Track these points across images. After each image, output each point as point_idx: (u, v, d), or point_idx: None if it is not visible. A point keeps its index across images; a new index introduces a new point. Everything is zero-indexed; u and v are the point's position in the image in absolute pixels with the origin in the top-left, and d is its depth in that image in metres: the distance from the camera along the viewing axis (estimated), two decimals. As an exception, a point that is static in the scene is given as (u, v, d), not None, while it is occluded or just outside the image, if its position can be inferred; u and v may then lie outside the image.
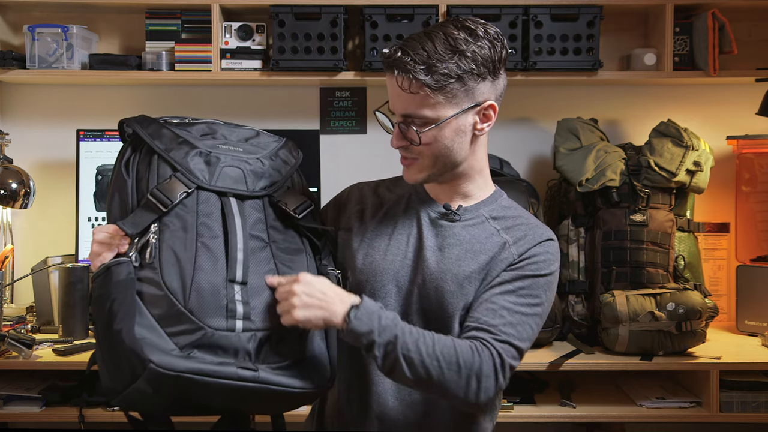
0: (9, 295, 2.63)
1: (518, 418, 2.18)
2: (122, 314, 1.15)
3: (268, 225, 1.33)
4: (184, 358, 1.15)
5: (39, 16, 2.70)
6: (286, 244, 1.34)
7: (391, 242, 1.46)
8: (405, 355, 1.27)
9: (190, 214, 1.26)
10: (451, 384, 1.29)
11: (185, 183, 1.27)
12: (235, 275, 1.24)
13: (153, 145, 1.31)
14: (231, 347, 1.19)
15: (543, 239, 1.43)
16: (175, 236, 1.23)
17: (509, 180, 2.45)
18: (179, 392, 1.16)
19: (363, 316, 1.27)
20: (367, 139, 2.76)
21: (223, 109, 2.76)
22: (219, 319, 1.19)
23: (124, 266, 1.20)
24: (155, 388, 1.13)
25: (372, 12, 2.48)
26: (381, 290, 1.43)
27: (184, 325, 1.17)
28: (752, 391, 2.18)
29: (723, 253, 2.66)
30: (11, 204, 2.48)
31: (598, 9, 2.48)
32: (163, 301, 1.18)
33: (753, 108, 2.52)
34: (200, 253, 1.23)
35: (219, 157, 1.32)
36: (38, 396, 2.18)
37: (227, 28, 2.56)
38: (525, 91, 2.74)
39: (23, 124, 2.74)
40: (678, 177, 2.32)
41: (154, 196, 1.25)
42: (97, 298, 1.21)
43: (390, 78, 1.37)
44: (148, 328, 1.16)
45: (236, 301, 1.22)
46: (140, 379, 1.12)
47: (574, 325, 2.34)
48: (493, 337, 1.32)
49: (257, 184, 1.34)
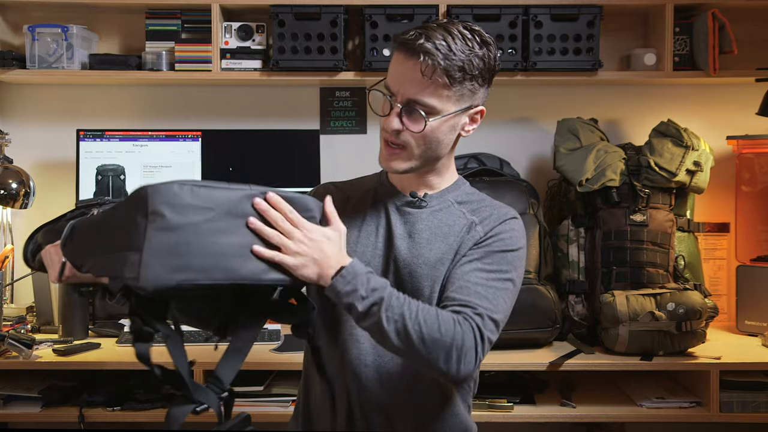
0: (9, 295, 2.63)
1: (518, 418, 2.18)
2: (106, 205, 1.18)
3: None
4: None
5: (39, 16, 2.70)
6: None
7: (361, 234, 1.49)
8: (387, 317, 1.28)
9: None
10: (433, 354, 1.29)
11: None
12: None
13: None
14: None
15: (507, 217, 1.47)
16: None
17: (509, 180, 2.44)
18: (187, 213, 1.12)
19: (348, 274, 1.28)
20: (367, 139, 2.76)
21: (223, 109, 2.76)
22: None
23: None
24: (164, 211, 1.10)
25: (372, 12, 2.48)
26: None
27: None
28: (752, 391, 2.18)
29: (723, 253, 2.66)
30: (11, 204, 2.48)
31: (598, 9, 2.48)
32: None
33: (753, 108, 2.52)
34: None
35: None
36: (38, 396, 2.18)
37: (227, 28, 2.56)
38: (525, 91, 2.74)
39: (23, 124, 2.74)
40: (678, 177, 2.32)
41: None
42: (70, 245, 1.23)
43: (406, 60, 1.37)
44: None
45: None
46: (149, 214, 1.09)
47: (574, 325, 2.34)
48: (472, 311, 1.34)
49: None
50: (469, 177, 2.42)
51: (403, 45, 1.37)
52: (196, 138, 2.61)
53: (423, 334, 1.28)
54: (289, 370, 2.18)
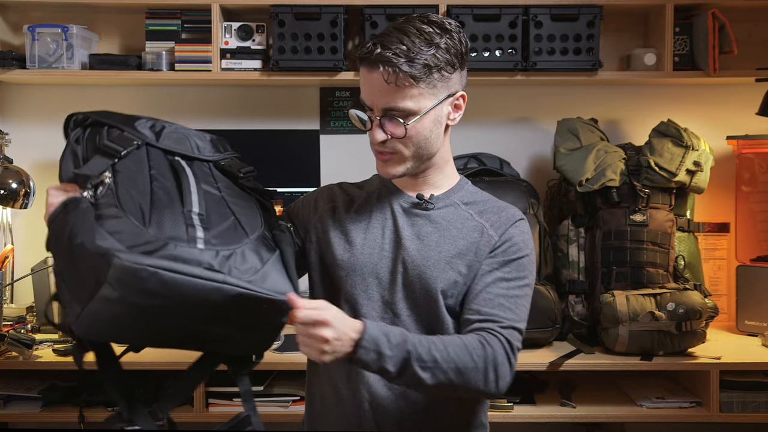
0: (9, 295, 2.63)
1: (518, 418, 2.18)
2: (83, 232, 1.11)
3: (216, 182, 1.33)
4: (149, 255, 1.10)
5: (39, 16, 2.70)
6: (236, 198, 1.34)
7: (367, 236, 1.49)
8: (422, 367, 1.30)
9: (141, 163, 1.27)
10: (470, 381, 1.33)
11: (135, 138, 1.29)
12: (191, 206, 1.22)
13: (100, 118, 1.34)
14: (194, 259, 1.13)
15: (516, 219, 1.50)
16: (129, 179, 1.22)
17: (509, 180, 2.44)
18: (145, 298, 1.10)
19: (368, 343, 1.28)
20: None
21: (223, 109, 2.76)
22: (180, 234, 1.16)
23: (80, 200, 1.17)
24: (121, 291, 1.07)
25: (372, 12, 2.48)
26: (361, 284, 1.47)
27: (146, 239, 1.13)
28: (752, 391, 2.18)
29: (723, 253, 2.66)
30: (11, 204, 2.48)
31: (598, 9, 2.48)
32: (123, 223, 1.14)
33: (753, 108, 2.52)
34: (156, 192, 1.22)
35: (164, 126, 1.35)
36: (38, 396, 2.18)
37: (227, 28, 2.56)
38: (525, 91, 2.74)
39: (23, 124, 2.74)
40: (678, 177, 2.32)
41: (106, 146, 1.27)
42: (54, 233, 1.18)
43: (369, 73, 1.40)
44: (107, 241, 1.11)
45: (196, 225, 1.19)
46: (105, 283, 1.07)
47: (574, 325, 2.34)
48: (498, 326, 1.39)
49: (203, 150, 1.36)
50: (469, 177, 2.40)
51: (363, 60, 1.40)
52: (196, 138, 2.61)
53: (459, 368, 1.32)
54: (290, 370, 2.18)
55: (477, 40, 2.47)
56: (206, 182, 1.30)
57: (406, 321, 1.44)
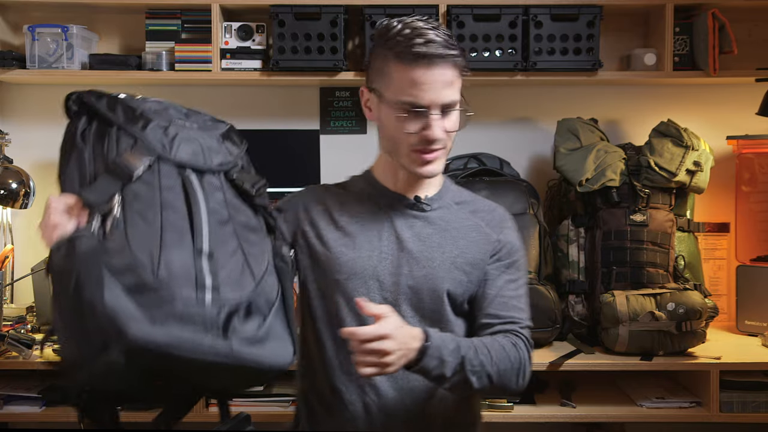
0: (9, 295, 2.63)
1: (518, 418, 2.18)
2: (91, 284, 1.10)
3: (226, 201, 1.31)
4: (161, 326, 1.11)
5: (39, 16, 2.69)
6: (244, 221, 1.32)
7: (364, 239, 1.49)
8: (471, 371, 1.36)
9: (151, 187, 1.22)
10: (507, 382, 1.43)
11: (147, 153, 1.24)
12: (202, 247, 1.21)
13: (110, 117, 1.28)
14: (201, 319, 1.15)
15: (507, 218, 1.57)
16: (138, 209, 1.19)
17: (509, 180, 2.44)
18: (151, 364, 1.12)
19: (433, 351, 1.33)
20: (367, 139, 2.75)
21: (223, 109, 2.75)
22: (188, 290, 1.16)
23: (87, 238, 1.14)
24: (128, 360, 1.09)
25: (372, 12, 2.48)
26: (362, 287, 1.47)
27: (155, 294, 1.13)
28: (752, 391, 2.18)
29: (723, 253, 2.66)
30: (11, 204, 2.48)
31: (598, 9, 2.48)
32: (132, 272, 1.13)
33: (753, 108, 2.52)
34: (165, 227, 1.19)
35: (177, 131, 1.30)
36: (38, 396, 2.18)
37: (227, 28, 2.56)
38: (525, 91, 2.74)
39: (23, 124, 2.73)
40: (678, 177, 2.32)
41: (117, 164, 1.21)
42: (58, 271, 1.15)
43: (428, 70, 1.37)
44: (117, 298, 1.10)
45: (205, 272, 1.19)
46: (113, 349, 1.08)
47: (574, 325, 2.34)
48: (518, 326, 1.48)
49: (213, 160, 1.32)
50: (469, 177, 2.42)
51: (424, 57, 1.36)
52: (196, 138, 2.61)
53: (500, 370, 1.41)
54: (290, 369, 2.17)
55: (477, 40, 2.47)
56: (216, 201, 1.28)
57: (410, 322, 1.43)
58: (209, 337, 1.14)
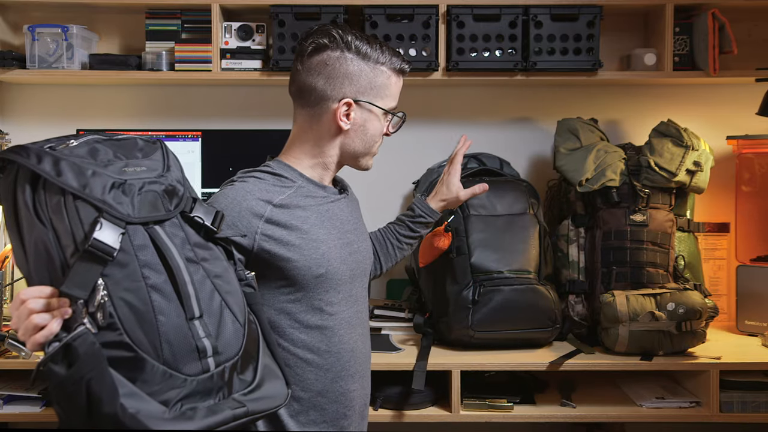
0: (9, 295, 2.63)
1: (518, 418, 2.18)
2: (107, 394, 1.07)
3: (191, 243, 1.26)
4: (185, 421, 1.13)
5: (39, 16, 2.70)
6: (210, 257, 1.29)
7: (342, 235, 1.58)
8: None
9: (129, 257, 1.16)
10: None
11: (116, 223, 1.15)
12: (193, 313, 1.19)
13: (64, 185, 1.14)
14: (210, 389, 1.19)
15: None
16: (123, 287, 1.14)
17: (509, 180, 2.44)
18: None
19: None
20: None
21: (223, 109, 2.76)
22: (194, 364, 1.17)
23: (84, 337, 1.07)
24: None
25: (372, 12, 2.48)
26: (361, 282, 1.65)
27: (165, 381, 1.13)
28: (752, 391, 2.18)
29: (723, 253, 2.66)
30: (11, 204, 2.47)
31: (598, 9, 2.48)
32: (137, 362, 1.11)
33: (753, 108, 2.52)
34: (154, 298, 1.16)
35: (133, 184, 1.21)
36: (38, 396, 2.18)
37: (227, 28, 2.56)
38: (525, 91, 2.74)
39: (23, 124, 2.74)
40: (678, 177, 2.32)
41: (92, 251, 1.11)
42: (63, 381, 1.09)
43: (400, 79, 1.61)
44: (133, 398, 1.09)
45: (202, 338, 1.19)
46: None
47: (574, 325, 2.34)
48: None
49: (171, 203, 1.26)
50: (470, 177, 2.42)
51: (405, 69, 1.60)
52: (196, 138, 2.61)
53: None
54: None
55: (477, 40, 2.47)
56: (184, 250, 1.24)
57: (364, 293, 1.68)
58: (226, 408, 1.19)
